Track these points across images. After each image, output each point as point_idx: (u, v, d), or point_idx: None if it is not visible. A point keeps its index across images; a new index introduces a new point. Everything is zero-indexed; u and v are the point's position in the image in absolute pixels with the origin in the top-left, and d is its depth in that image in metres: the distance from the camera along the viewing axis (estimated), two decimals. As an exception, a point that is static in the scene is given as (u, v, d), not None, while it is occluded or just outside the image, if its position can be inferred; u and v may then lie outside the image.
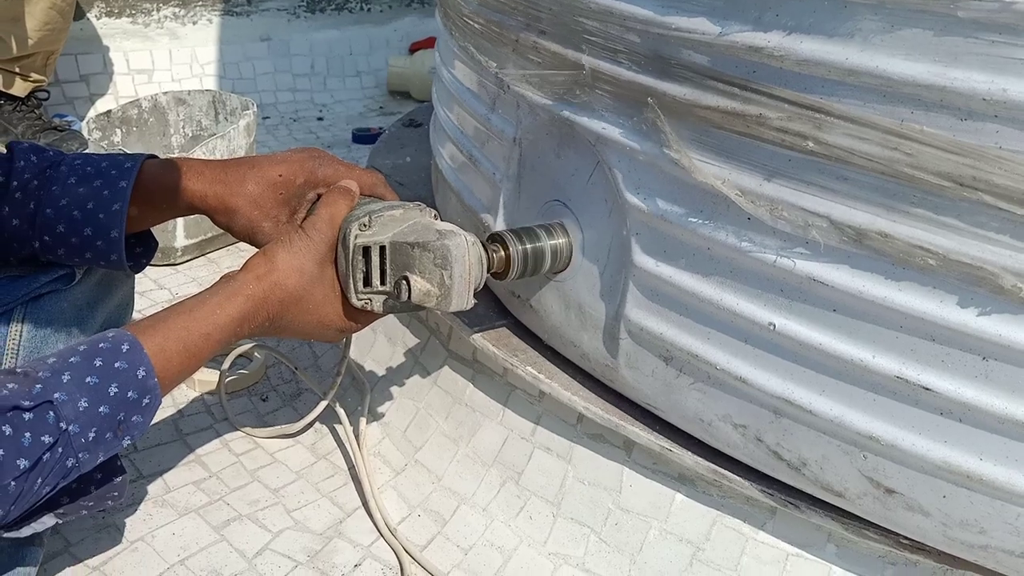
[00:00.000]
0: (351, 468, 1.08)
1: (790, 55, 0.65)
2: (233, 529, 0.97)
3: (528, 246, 0.87)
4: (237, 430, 1.13)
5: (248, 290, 0.74)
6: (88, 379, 0.63)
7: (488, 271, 0.83)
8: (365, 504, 1.01)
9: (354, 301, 0.79)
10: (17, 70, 1.97)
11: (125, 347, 0.66)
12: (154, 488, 1.02)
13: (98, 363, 0.64)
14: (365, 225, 0.78)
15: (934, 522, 0.71)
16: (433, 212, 0.83)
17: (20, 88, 1.99)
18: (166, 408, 1.16)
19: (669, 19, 0.73)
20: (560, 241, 0.89)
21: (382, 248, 0.78)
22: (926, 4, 0.59)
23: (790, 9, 0.65)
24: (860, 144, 0.63)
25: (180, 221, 1.52)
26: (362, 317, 0.82)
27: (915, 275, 0.64)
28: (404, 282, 0.77)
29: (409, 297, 0.77)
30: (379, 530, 0.98)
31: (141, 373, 0.65)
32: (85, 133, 1.69)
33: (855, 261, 0.67)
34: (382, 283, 0.79)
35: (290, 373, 1.26)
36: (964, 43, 0.58)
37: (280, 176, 0.82)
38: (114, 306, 0.91)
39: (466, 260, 0.77)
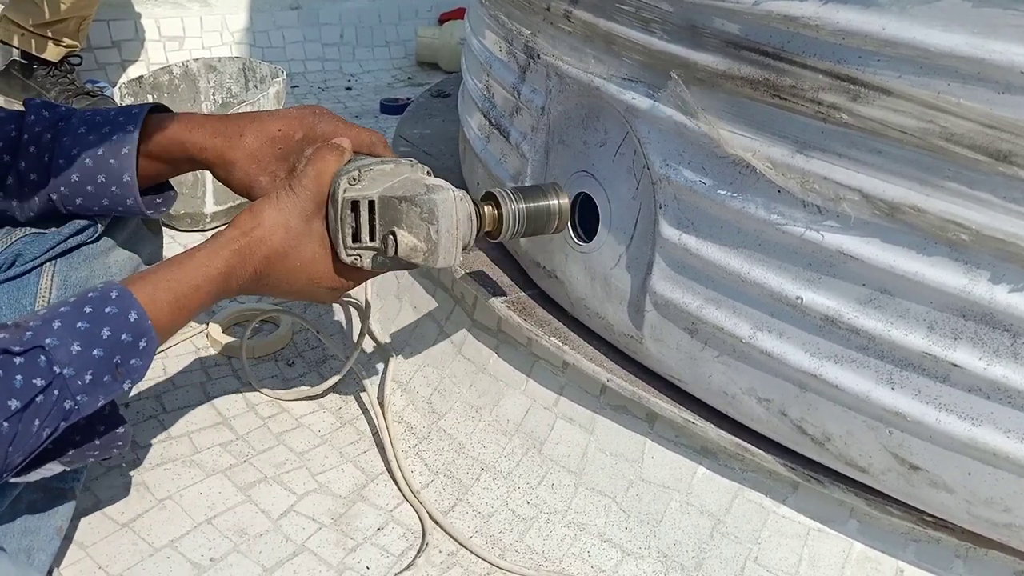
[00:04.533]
0: (375, 434, 1.09)
1: (826, 25, 0.64)
2: (259, 490, 0.98)
3: (522, 205, 0.85)
4: (262, 393, 1.14)
5: (234, 245, 0.75)
6: (79, 324, 0.64)
7: (480, 228, 0.82)
8: (388, 469, 1.02)
9: (343, 257, 0.79)
10: (50, 35, 1.99)
11: (114, 294, 0.67)
12: (182, 449, 1.04)
13: (88, 310, 0.65)
14: (355, 179, 0.78)
15: (958, 499, 0.70)
16: (426, 168, 0.82)
17: (53, 53, 2.01)
18: (193, 371, 1.18)
19: (703, -13, 0.72)
20: (554, 202, 0.87)
21: (371, 203, 0.78)
22: (966, -26, 0.57)
23: (827, -22, 0.64)
24: (895, 116, 0.62)
25: (209, 187, 1.53)
26: (353, 275, 0.82)
27: (947, 250, 0.64)
28: (391, 237, 0.76)
29: (396, 252, 0.76)
30: (403, 495, 0.99)
31: (133, 316, 0.67)
32: (117, 99, 1.70)
33: (886, 235, 0.66)
34: (371, 239, 0.78)
35: (316, 340, 1.27)
36: (1003, 15, 0.57)
37: (279, 131, 0.82)
38: (143, 263, 0.92)
39: (453, 215, 0.77)
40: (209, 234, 1.57)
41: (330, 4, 2.73)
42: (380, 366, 1.17)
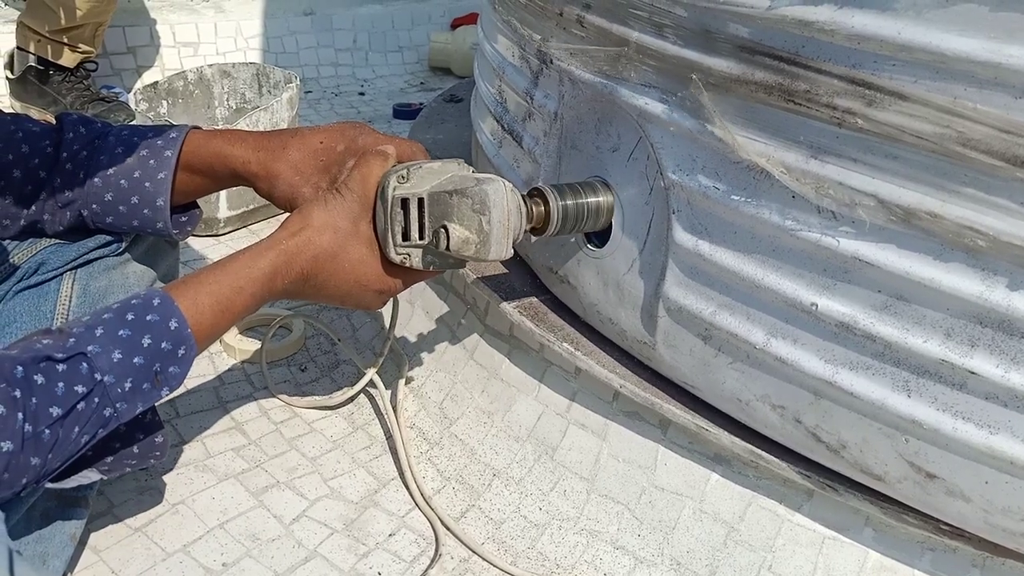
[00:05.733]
0: (387, 439, 1.09)
1: (841, 29, 0.64)
2: (271, 495, 0.98)
3: (568, 202, 0.85)
4: (276, 398, 1.15)
5: (281, 245, 0.75)
6: (121, 332, 0.65)
7: (527, 223, 0.82)
8: (401, 475, 1.02)
9: (392, 256, 0.79)
10: (66, 41, 2.00)
11: (156, 301, 0.67)
12: (195, 453, 1.04)
13: (130, 317, 0.66)
14: (403, 178, 0.78)
15: (975, 508, 0.70)
16: (472, 168, 0.82)
17: (69, 59, 2.02)
18: (207, 376, 1.18)
19: (717, -8, 0.71)
20: (601, 199, 0.87)
21: (420, 200, 0.78)
22: (983, -22, 0.57)
23: (842, -18, 0.64)
24: (911, 121, 0.62)
25: (223, 192, 1.54)
26: (401, 275, 0.82)
27: (964, 256, 0.63)
28: (443, 230, 0.76)
29: (448, 246, 0.76)
30: (414, 500, 0.99)
31: (174, 324, 0.67)
32: (132, 104, 1.71)
33: (902, 241, 0.65)
34: (420, 236, 0.79)
35: (328, 344, 1.27)
36: (1020, 19, 0.56)
37: (321, 143, 0.83)
38: (160, 275, 0.93)
39: (505, 205, 0.77)
40: (223, 239, 1.58)
41: (343, 10, 2.74)
42: (392, 371, 1.17)
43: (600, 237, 0.92)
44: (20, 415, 0.58)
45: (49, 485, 0.66)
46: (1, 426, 0.57)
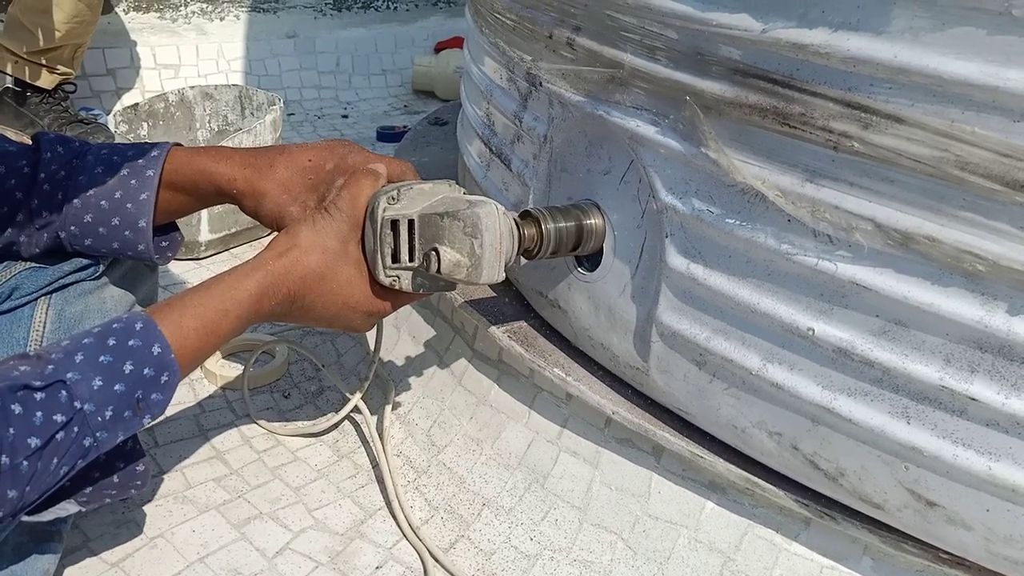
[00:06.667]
0: (374, 468, 1.06)
1: (836, 52, 0.63)
2: (254, 527, 0.96)
3: (560, 224, 0.84)
4: (256, 424, 1.12)
5: (268, 266, 0.73)
6: (102, 358, 0.62)
7: (519, 246, 0.81)
8: (388, 504, 1.00)
9: (382, 278, 0.78)
10: (44, 62, 1.98)
11: (139, 326, 0.65)
12: (174, 484, 1.01)
13: (111, 342, 0.63)
14: (394, 199, 0.77)
15: (976, 537, 0.68)
16: (463, 189, 0.81)
17: (47, 80, 2.00)
18: (187, 403, 1.16)
19: (710, 15, 0.71)
20: (593, 221, 0.86)
21: (410, 222, 0.77)
22: (979, 1, 0.56)
23: (837, 5, 0.63)
24: (908, 145, 0.61)
25: (204, 215, 1.51)
26: (390, 297, 0.80)
27: (963, 281, 0.62)
28: (433, 253, 0.75)
29: (439, 269, 0.75)
30: (402, 531, 0.96)
31: (156, 350, 0.65)
32: (111, 126, 1.69)
33: (900, 265, 0.64)
34: (410, 259, 0.77)
35: (313, 370, 1.24)
36: (1019, 42, 0.56)
37: (310, 161, 0.82)
38: (139, 300, 0.91)
39: (497, 229, 0.75)
40: (204, 263, 1.56)
41: (327, 32, 2.74)
42: (379, 398, 1.15)
43: (591, 261, 0.91)
44: None
45: (25, 518, 0.64)
46: None
